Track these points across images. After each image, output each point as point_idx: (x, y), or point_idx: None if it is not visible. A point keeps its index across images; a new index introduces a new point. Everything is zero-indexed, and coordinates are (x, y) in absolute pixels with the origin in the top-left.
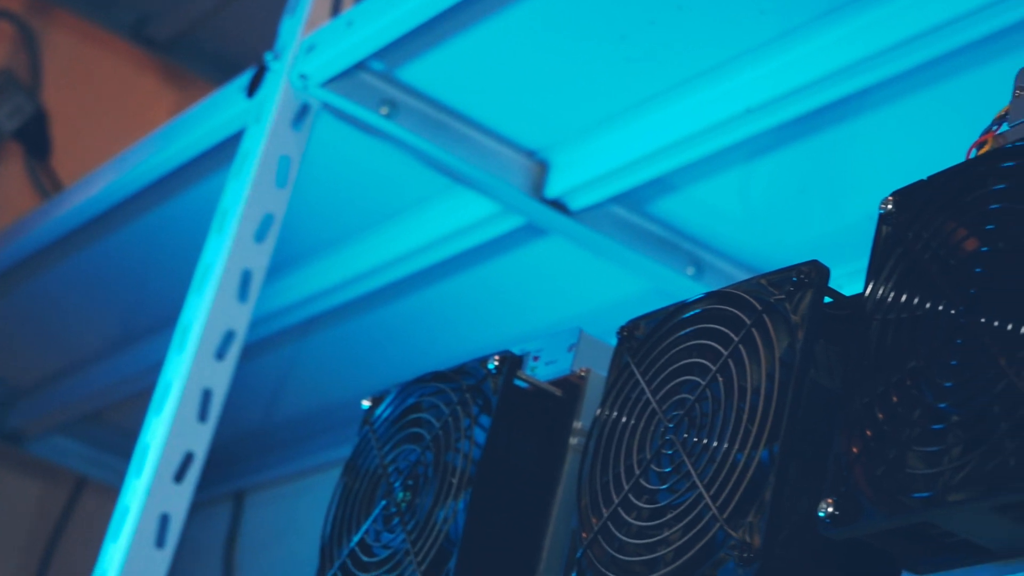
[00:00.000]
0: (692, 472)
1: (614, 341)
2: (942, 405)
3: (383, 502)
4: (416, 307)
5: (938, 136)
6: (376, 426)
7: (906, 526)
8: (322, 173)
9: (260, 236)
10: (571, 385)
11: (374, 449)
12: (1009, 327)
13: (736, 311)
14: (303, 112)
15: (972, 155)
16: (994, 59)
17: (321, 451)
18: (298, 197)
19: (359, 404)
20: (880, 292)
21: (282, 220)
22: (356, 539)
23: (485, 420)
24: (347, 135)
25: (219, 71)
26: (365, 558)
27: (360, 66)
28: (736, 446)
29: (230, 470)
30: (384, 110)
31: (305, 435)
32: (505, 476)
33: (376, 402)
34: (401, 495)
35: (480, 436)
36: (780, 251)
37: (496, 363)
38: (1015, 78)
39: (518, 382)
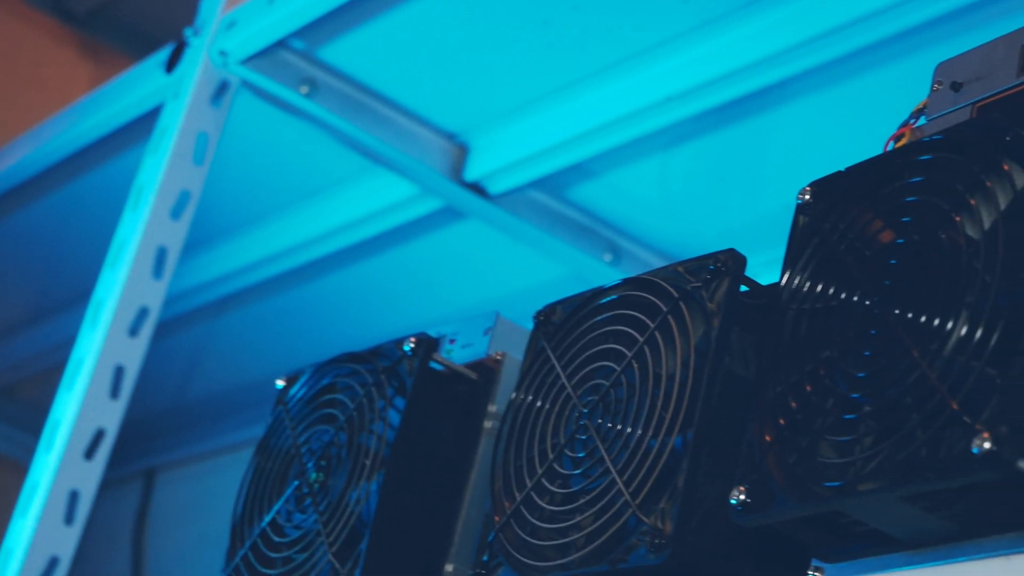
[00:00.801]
0: (605, 457)
1: (531, 325)
2: (855, 395)
3: (295, 482)
4: (333, 288)
5: (856, 128)
6: (290, 406)
7: (817, 514)
8: (240, 151)
9: (176, 213)
10: (487, 368)
11: (287, 429)
12: (922, 319)
13: (653, 298)
14: (222, 89)
15: (890, 147)
16: (913, 53)
17: (234, 430)
18: (216, 174)
19: (273, 384)
20: (796, 281)
21: (199, 197)
22: (267, 519)
23: (400, 402)
24: (266, 113)
25: (138, 46)
26: (276, 538)
27: (281, 44)
28: (650, 432)
29: (141, 448)
30: (304, 89)
31: (218, 414)
32: (419, 458)
33: (290, 382)
34: (314, 476)
35: (394, 418)
36: (698, 239)
37: (412, 345)
38: (934, 72)
39: (434, 364)
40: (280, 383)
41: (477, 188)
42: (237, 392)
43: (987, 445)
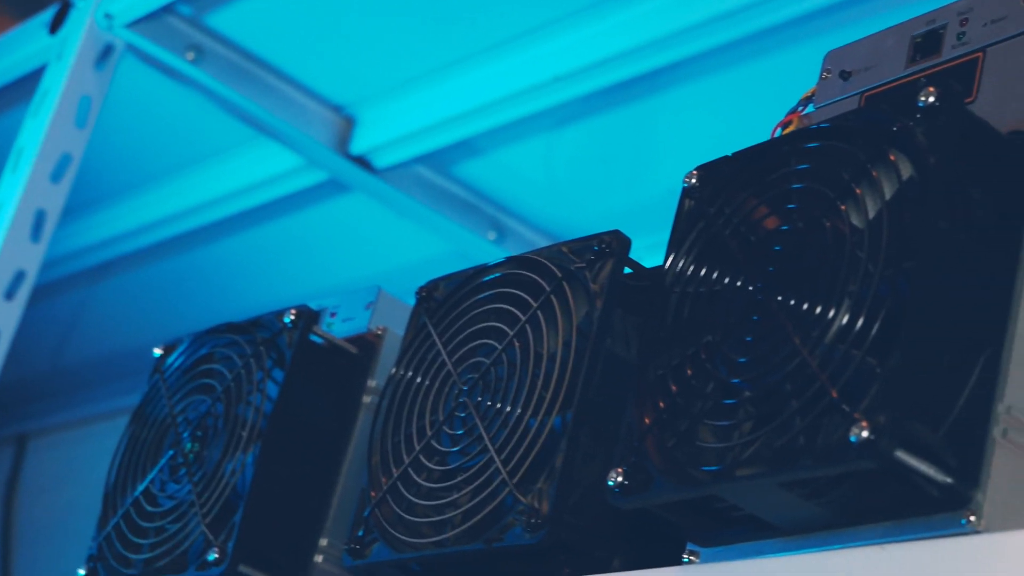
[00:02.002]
0: (484, 436)
1: (413, 301)
2: (735, 380)
3: (170, 452)
4: (214, 257)
5: (744, 113)
6: (167, 375)
7: (694, 498)
8: (124, 116)
9: (56, 176)
10: (367, 343)
11: (164, 398)
12: (805, 306)
13: (536, 277)
14: (107, 52)
15: (777, 134)
16: (803, 41)
17: (109, 398)
18: (98, 139)
19: (151, 352)
20: (680, 265)
21: (80, 161)
22: (141, 488)
23: (278, 374)
24: (151, 78)
25: (21, 5)
26: (149, 508)
27: (167, 9)
28: (529, 412)
29: (13, 413)
30: (190, 55)
31: (93, 381)
32: (296, 431)
33: (168, 351)
34: (189, 446)
35: (272, 390)
36: (582, 220)
37: (292, 317)
38: (823, 60)
39: (313, 337)
40: (158, 351)
41: (363, 162)
42: (113, 359)
43: (865, 434)
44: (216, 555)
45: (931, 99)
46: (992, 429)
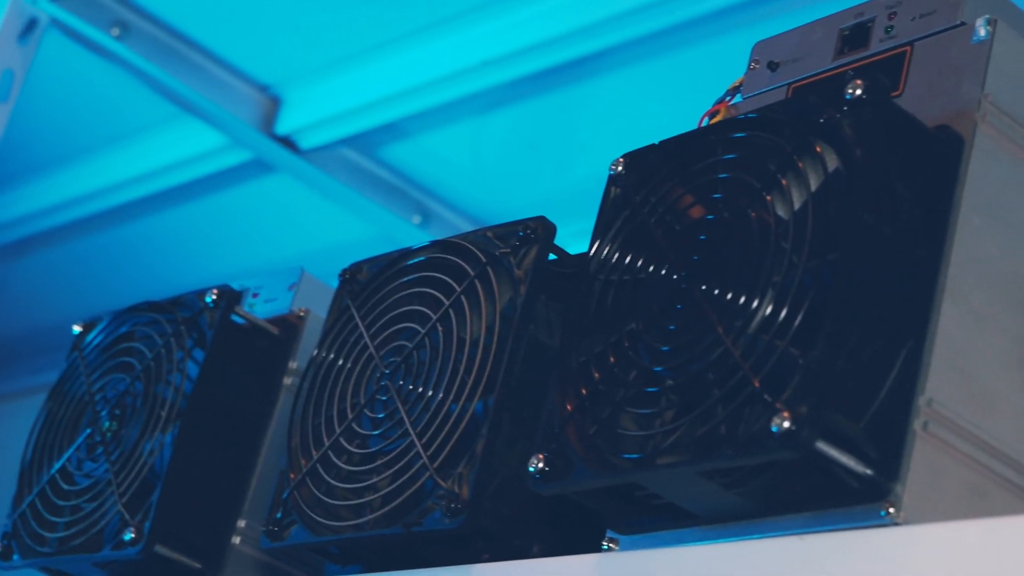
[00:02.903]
0: (405, 420)
1: (336, 283)
2: (658, 368)
3: (88, 430)
4: (137, 234)
5: (672, 102)
6: (86, 352)
7: (614, 486)
8: (47, 90)
9: None
10: (289, 324)
11: (82, 376)
12: (729, 296)
13: (461, 262)
14: (31, 26)
15: (704, 123)
16: (731, 31)
17: (26, 375)
18: (21, 113)
19: (70, 329)
20: (605, 252)
21: (2, 135)
22: (57, 466)
23: (199, 354)
24: (75, 54)
25: None
26: (65, 486)
27: None
28: (451, 396)
29: None
30: (115, 31)
31: (10, 358)
32: (215, 412)
33: (88, 328)
34: (107, 424)
35: (193, 370)
36: (508, 206)
37: (214, 297)
38: (751, 51)
39: (235, 318)
40: (77, 329)
41: (288, 142)
42: (31, 336)
43: (786, 424)
44: (132, 535)
45: (858, 92)
46: (913, 422)
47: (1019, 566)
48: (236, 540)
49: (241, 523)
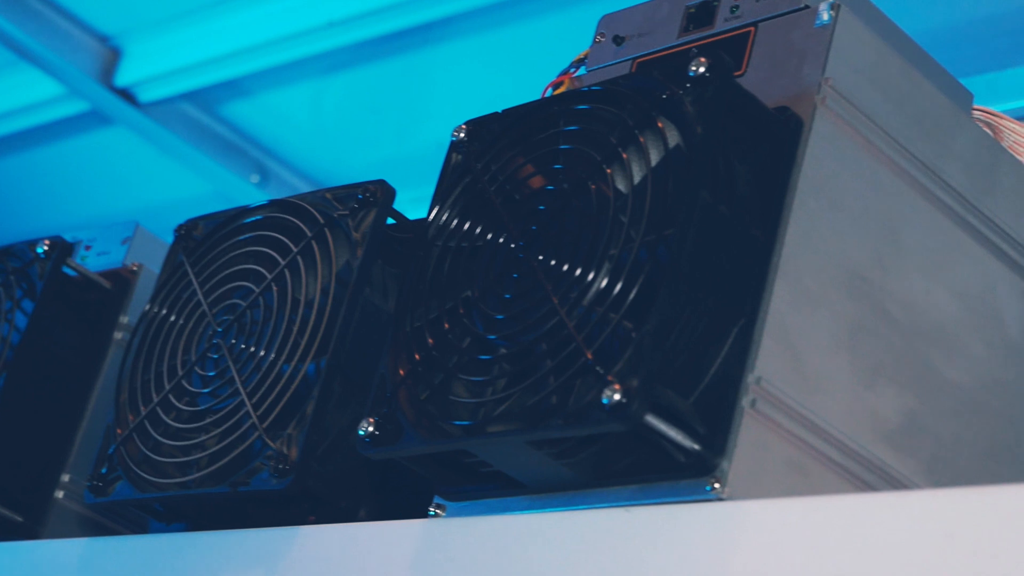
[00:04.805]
0: (236, 378)
1: (171, 239)
2: (492, 337)
3: None
4: None
5: (517, 72)
6: None
7: (444, 452)
8: None
9: None
10: (121, 279)
11: None
12: (565, 267)
13: (298, 222)
14: None
15: (548, 94)
16: (578, 4)
17: None
18: None
19: None
20: (443, 219)
21: None
22: None
23: (28, 305)
24: None
25: None
26: None
27: None
28: (283, 357)
29: None
30: None
31: None
32: (42, 364)
33: None
34: None
35: (21, 321)
36: (348, 169)
37: (45, 248)
38: (597, 24)
39: (66, 269)
40: None
41: (127, 95)
42: None
43: (617, 397)
44: None
45: (701, 69)
46: (741, 399)
47: (838, 544)
48: (59, 494)
49: (65, 477)
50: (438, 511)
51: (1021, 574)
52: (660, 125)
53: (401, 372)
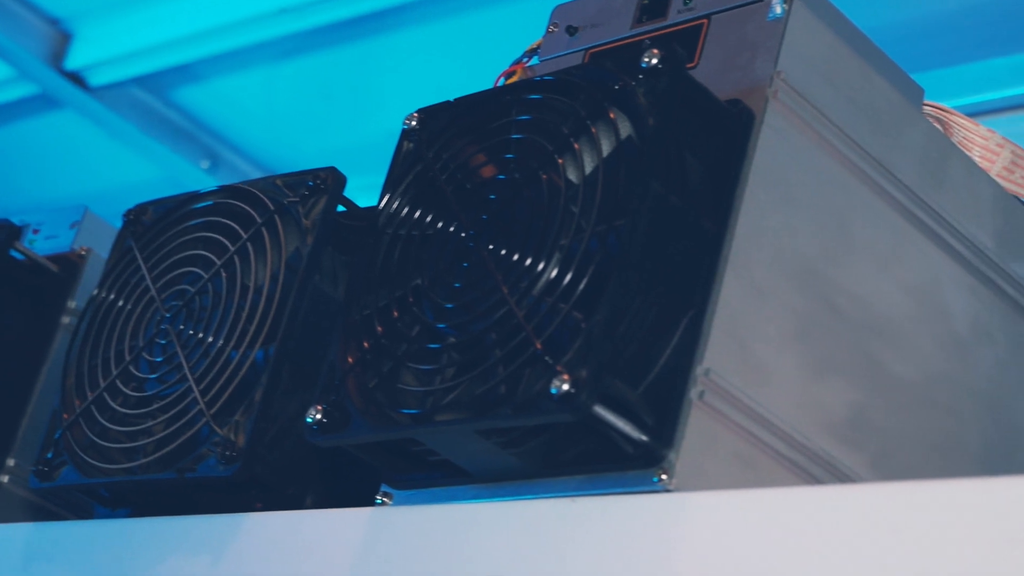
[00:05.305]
0: (184, 364)
1: (120, 224)
2: (441, 325)
3: None
4: None
5: (469, 60)
6: None
7: (391, 440)
8: None
9: None
10: (70, 263)
11: None
12: (515, 257)
13: (248, 208)
14: None
15: (500, 83)
16: None
17: None
18: None
19: None
20: (394, 207)
21: None
22: None
23: None
24: None
25: None
26: None
27: None
28: (232, 343)
29: None
30: None
31: None
32: None
33: None
34: None
35: None
36: (299, 155)
37: None
38: (551, 14)
39: (13, 253)
40: None
41: (77, 78)
42: None
43: (566, 387)
44: None
45: (654, 61)
46: (689, 390)
47: (783, 536)
48: (4, 479)
49: (10, 462)
50: (385, 499)
51: (964, 567)
52: (612, 116)
53: (350, 360)
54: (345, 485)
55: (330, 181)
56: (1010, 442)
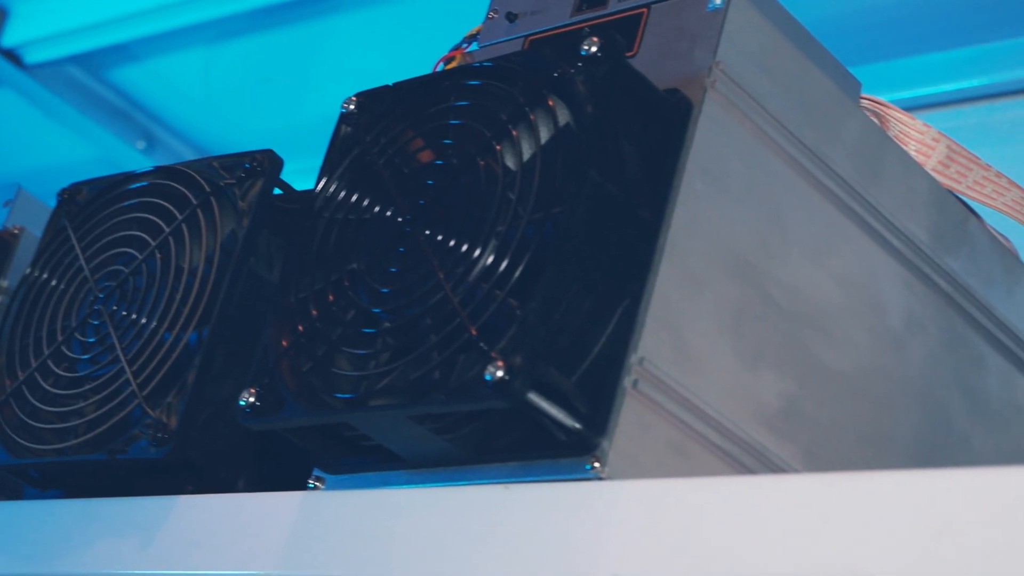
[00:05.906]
0: (117, 345)
1: (54, 203)
2: (376, 310)
3: None
4: None
5: (409, 46)
6: None
7: (325, 424)
8: None
9: None
10: (2, 241)
11: None
12: (452, 243)
13: (184, 189)
14: None
15: (439, 69)
16: None
17: None
18: None
19: None
20: (331, 190)
21: None
22: None
23: None
24: None
25: None
26: None
27: None
28: (165, 325)
29: None
30: None
31: None
32: None
33: None
34: None
35: None
36: (237, 137)
37: None
38: (491, 0)
39: None
40: None
41: (12, 56)
42: None
43: (500, 374)
44: None
45: (593, 49)
46: (623, 379)
47: (715, 525)
48: None
49: None
50: (317, 484)
51: (893, 559)
52: (551, 103)
53: (284, 343)
54: (277, 469)
55: (267, 164)
56: (940, 435)
